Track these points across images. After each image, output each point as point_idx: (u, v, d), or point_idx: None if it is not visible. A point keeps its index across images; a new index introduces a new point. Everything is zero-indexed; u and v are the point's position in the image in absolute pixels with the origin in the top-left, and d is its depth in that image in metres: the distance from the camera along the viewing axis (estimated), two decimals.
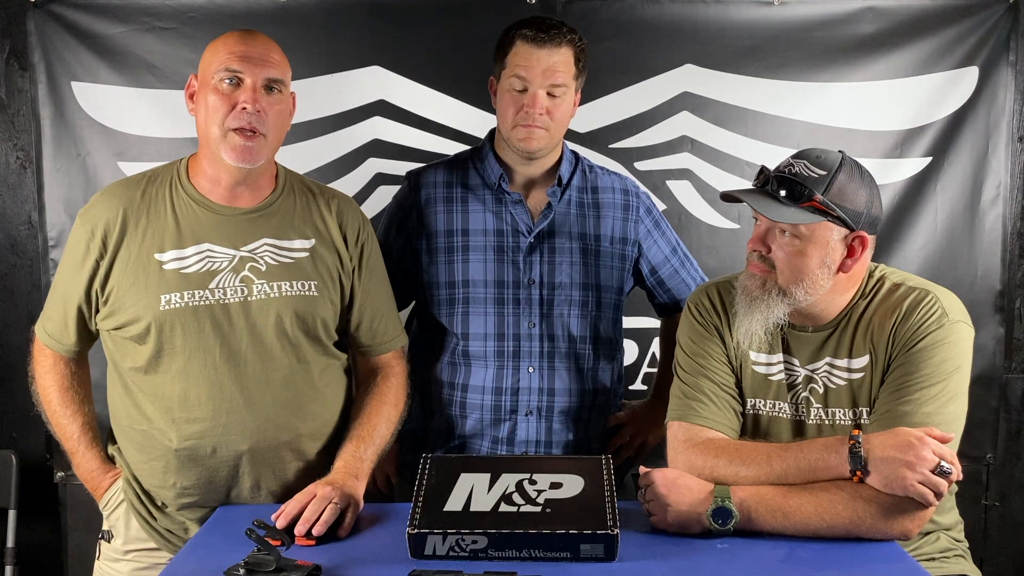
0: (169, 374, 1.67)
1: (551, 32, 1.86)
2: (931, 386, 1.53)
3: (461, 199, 1.99)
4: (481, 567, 1.37)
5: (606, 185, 2.06)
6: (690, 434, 1.64)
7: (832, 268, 1.58)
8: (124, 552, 1.77)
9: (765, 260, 1.61)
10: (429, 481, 1.55)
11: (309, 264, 1.75)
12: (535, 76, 1.85)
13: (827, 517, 1.46)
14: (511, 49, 1.88)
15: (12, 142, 2.53)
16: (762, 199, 1.58)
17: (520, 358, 1.97)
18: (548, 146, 1.93)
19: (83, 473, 1.80)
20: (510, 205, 1.98)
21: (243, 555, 1.36)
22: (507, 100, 1.90)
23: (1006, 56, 2.59)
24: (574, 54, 1.89)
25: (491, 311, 1.96)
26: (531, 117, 1.86)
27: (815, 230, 1.56)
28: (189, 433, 1.68)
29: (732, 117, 2.59)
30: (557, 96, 1.87)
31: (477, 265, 1.96)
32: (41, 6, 2.46)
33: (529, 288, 1.97)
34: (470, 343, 1.97)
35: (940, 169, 2.62)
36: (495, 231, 1.97)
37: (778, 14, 2.56)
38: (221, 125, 1.64)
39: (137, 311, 1.65)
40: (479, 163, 2.01)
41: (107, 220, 1.67)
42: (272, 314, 1.70)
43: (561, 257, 1.98)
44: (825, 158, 1.57)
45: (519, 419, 1.98)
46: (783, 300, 1.59)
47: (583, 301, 1.99)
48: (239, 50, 1.64)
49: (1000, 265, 2.67)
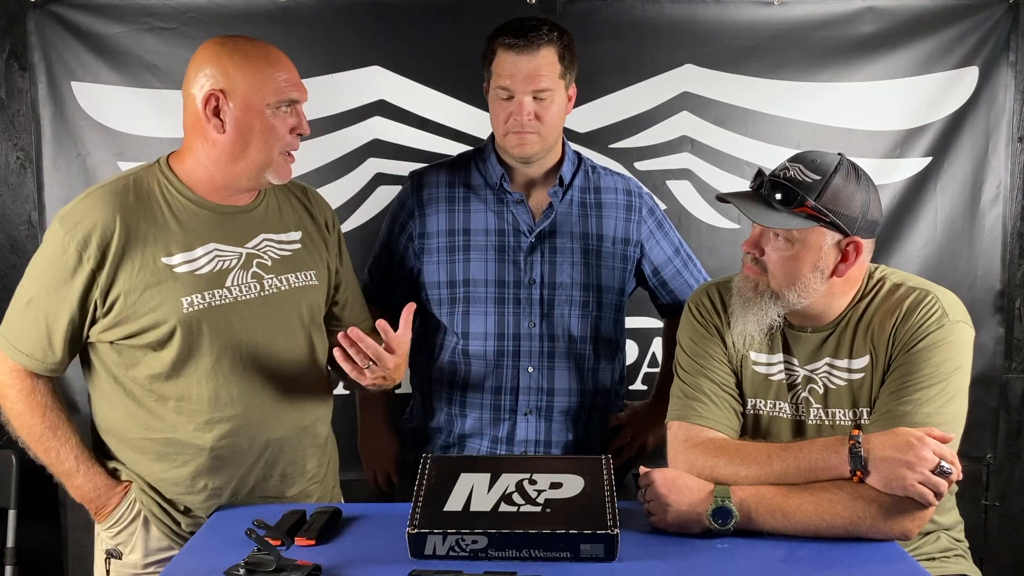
0: (196, 376, 1.66)
1: (529, 36, 1.84)
2: (931, 386, 1.53)
3: (463, 199, 2.00)
4: (481, 567, 1.37)
5: (609, 185, 2.06)
6: (690, 434, 1.64)
7: (825, 273, 1.58)
8: (144, 566, 1.73)
9: (758, 263, 1.61)
10: (429, 481, 1.55)
11: (305, 254, 1.79)
12: (518, 84, 1.85)
13: (827, 517, 1.46)
14: (494, 58, 1.89)
15: (12, 142, 2.53)
16: (754, 204, 1.58)
17: (520, 357, 1.97)
18: (542, 150, 1.93)
19: (86, 493, 1.70)
20: (511, 205, 1.98)
21: (243, 555, 1.36)
22: (496, 108, 1.91)
23: (1006, 56, 2.59)
24: (557, 53, 1.87)
25: (491, 310, 1.97)
26: (520, 124, 1.87)
27: (807, 235, 1.56)
28: (223, 432, 1.68)
29: (732, 117, 2.59)
30: (544, 99, 1.87)
31: (478, 264, 1.97)
32: (41, 6, 2.46)
33: (530, 288, 1.97)
34: (470, 342, 1.98)
35: (940, 169, 2.62)
36: (496, 231, 1.97)
37: (778, 14, 2.56)
38: (279, 149, 1.66)
39: (156, 317, 1.62)
40: (481, 163, 2.02)
41: (103, 227, 1.60)
42: (288, 306, 1.73)
43: (562, 257, 1.98)
44: (821, 162, 1.56)
45: (519, 419, 1.99)
46: (776, 303, 1.59)
47: (584, 301, 1.99)
48: (292, 77, 1.67)
49: (1000, 265, 2.67)
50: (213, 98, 1.62)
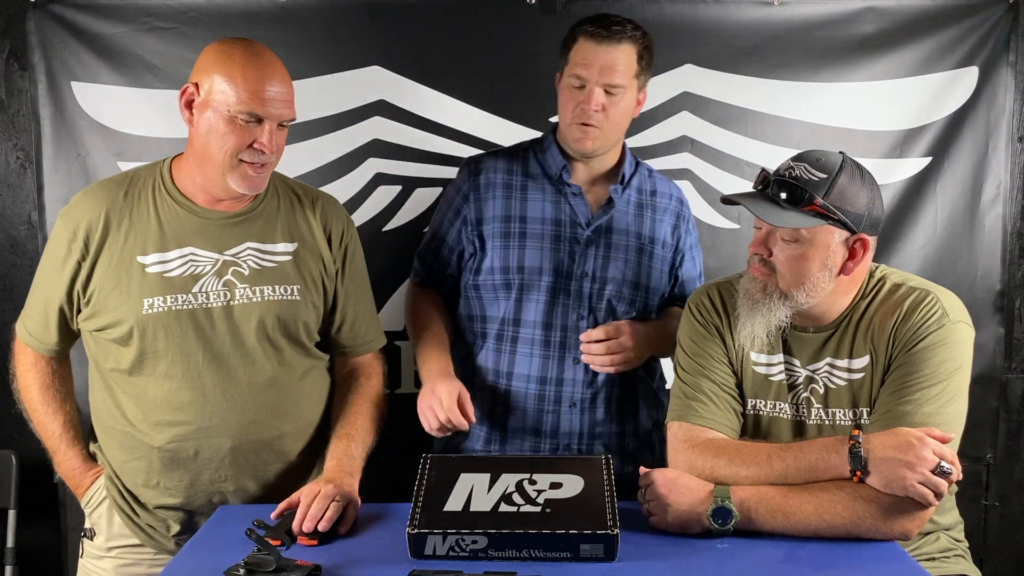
0: (152, 377, 1.68)
1: (612, 29, 1.85)
2: (931, 386, 1.53)
3: (520, 187, 1.99)
4: (481, 567, 1.37)
5: (664, 191, 2.07)
6: (690, 434, 1.64)
7: (833, 271, 1.58)
8: (107, 549, 1.78)
9: (766, 264, 1.61)
10: (429, 481, 1.55)
11: (292, 268, 1.75)
12: (593, 73, 1.85)
13: (827, 517, 1.46)
14: (573, 45, 1.89)
15: (12, 142, 2.53)
16: (762, 203, 1.58)
17: (567, 349, 1.96)
18: (603, 147, 1.93)
19: (65, 471, 1.81)
20: (570, 197, 1.98)
21: (243, 555, 1.36)
22: (566, 97, 1.91)
23: (1006, 56, 2.59)
24: (637, 52, 1.88)
25: (543, 299, 1.96)
26: (587, 114, 1.87)
27: (816, 234, 1.56)
28: (172, 436, 1.69)
29: (732, 117, 2.59)
30: (615, 95, 1.87)
31: (533, 252, 1.95)
32: (41, 6, 2.45)
33: (581, 280, 1.96)
34: (520, 329, 1.97)
35: (940, 169, 2.62)
36: (553, 220, 1.96)
37: (778, 14, 2.56)
38: (234, 156, 1.64)
39: (119, 314, 1.65)
40: (540, 153, 2.02)
41: (89, 221, 1.66)
42: (254, 318, 1.70)
43: (616, 253, 1.98)
44: (826, 161, 1.57)
45: (563, 410, 1.97)
46: (784, 303, 1.59)
47: (631, 299, 1.99)
48: (262, 92, 1.61)
49: (1000, 265, 2.67)
50: (188, 90, 1.65)
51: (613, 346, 1.93)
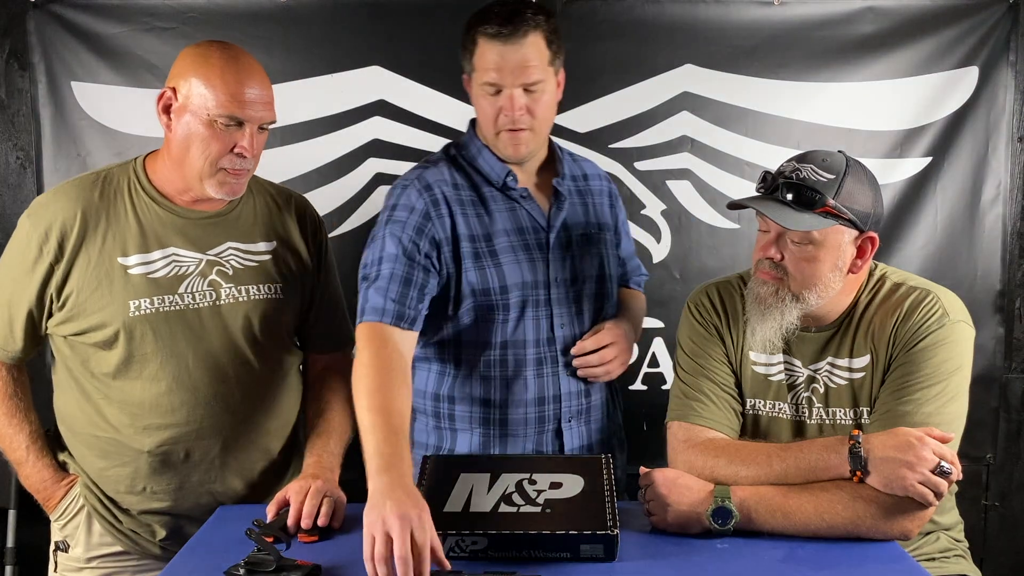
0: (140, 380, 1.65)
1: (514, 22, 1.67)
2: (931, 386, 1.53)
3: (471, 202, 1.79)
4: (481, 567, 1.37)
5: (591, 172, 1.97)
6: (690, 434, 1.64)
7: (843, 270, 1.58)
8: (87, 560, 1.74)
9: (777, 267, 1.60)
10: (429, 481, 1.55)
11: (272, 266, 1.75)
12: (506, 77, 1.69)
13: (827, 517, 1.46)
14: (475, 49, 1.72)
15: (12, 142, 2.53)
16: (773, 206, 1.56)
17: (557, 363, 1.82)
18: (538, 146, 1.81)
19: (34, 483, 1.74)
20: (522, 202, 1.82)
21: (243, 555, 1.36)
22: (484, 104, 1.75)
23: (1006, 56, 2.59)
24: (545, 38, 1.71)
25: (529, 315, 1.79)
26: (512, 121, 1.72)
27: (828, 235, 1.55)
28: (163, 439, 1.67)
29: (732, 117, 2.59)
30: (535, 91, 1.71)
31: (511, 268, 1.77)
32: (41, 6, 2.46)
33: (556, 286, 1.82)
34: (509, 351, 1.80)
35: (940, 169, 2.62)
36: (515, 230, 1.80)
37: (778, 14, 2.56)
38: (214, 163, 1.62)
39: (102, 317, 1.62)
40: (473, 161, 1.83)
41: (63, 221, 1.61)
42: (242, 317, 1.70)
43: (578, 250, 1.85)
44: (831, 161, 1.56)
45: (563, 427, 1.84)
46: (796, 305, 1.59)
47: (598, 293, 1.88)
48: (241, 95, 1.59)
49: (1000, 265, 2.67)
50: (166, 95, 1.63)
51: (606, 353, 1.84)
